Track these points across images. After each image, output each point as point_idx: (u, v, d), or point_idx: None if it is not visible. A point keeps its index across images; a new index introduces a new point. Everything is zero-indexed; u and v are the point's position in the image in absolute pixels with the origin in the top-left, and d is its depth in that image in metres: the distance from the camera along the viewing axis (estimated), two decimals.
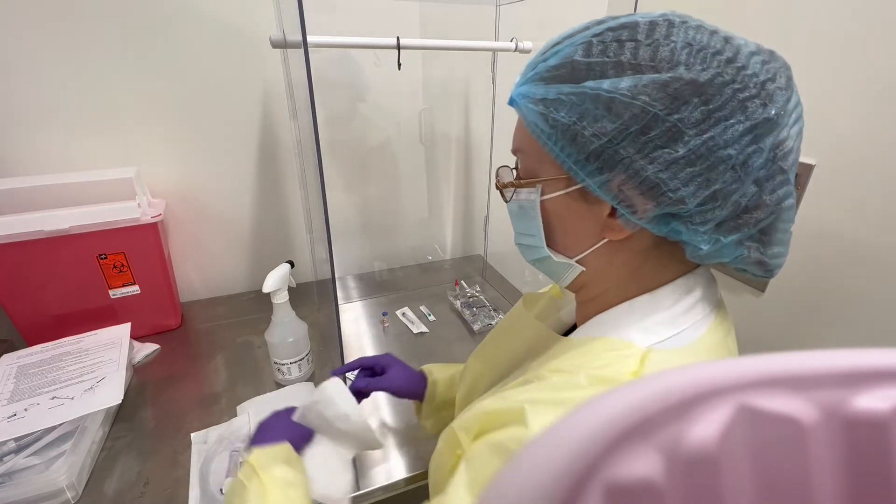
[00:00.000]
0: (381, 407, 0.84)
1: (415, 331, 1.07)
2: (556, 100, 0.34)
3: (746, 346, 0.54)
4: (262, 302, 1.17)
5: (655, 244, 0.37)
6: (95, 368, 0.78)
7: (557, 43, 0.36)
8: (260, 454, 0.50)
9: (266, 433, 0.56)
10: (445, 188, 1.38)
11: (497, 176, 0.44)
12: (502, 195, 0.43)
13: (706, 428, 0.12)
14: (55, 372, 0.77)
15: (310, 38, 0.51)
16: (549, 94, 0.34)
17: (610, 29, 0.33)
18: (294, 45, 0.63)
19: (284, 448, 0.53)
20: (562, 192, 0.38)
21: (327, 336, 0.99)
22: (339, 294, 1.24)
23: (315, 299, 1.18)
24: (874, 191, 0.60)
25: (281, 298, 0.81)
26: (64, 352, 0.82)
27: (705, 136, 0.31)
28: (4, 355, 0.81)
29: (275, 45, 0.68)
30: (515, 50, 0.90)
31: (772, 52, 0.33)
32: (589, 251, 0.39)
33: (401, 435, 0.77)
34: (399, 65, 0.80)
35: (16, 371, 0.77)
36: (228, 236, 1.17)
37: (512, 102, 0.38)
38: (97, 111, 0.94)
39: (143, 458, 0.71)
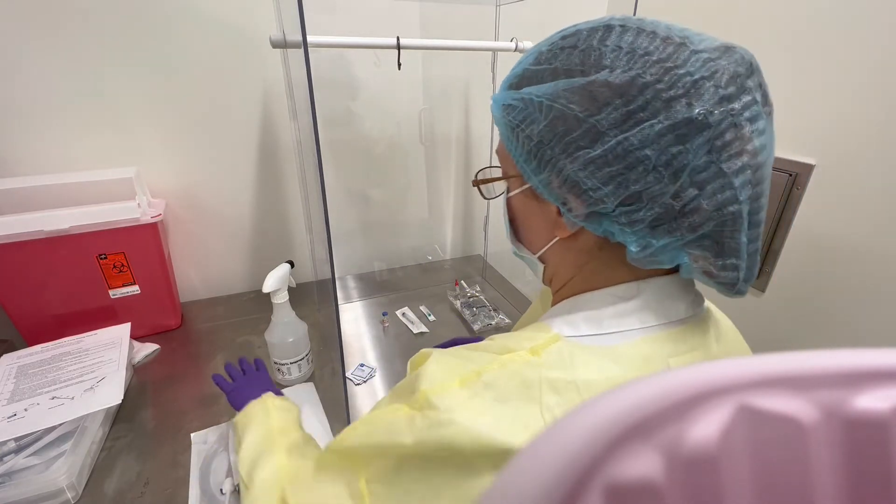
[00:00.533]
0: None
1: (415, 331, 1.07)
2: (510, 104, 0.38)
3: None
4: (263, 302, 1.17)
5: (599, 245, 0.38)
6: (95, 368, 0.78)
7: (529, 52, 0.39)
8: (255, 402, 0.62)
9: (246, 395, 0.65)
10: (445, 188, 1.38)
11: (476, 175, 0.47)
12: (480, 192, 0.47)
13: (706, 428, 0.12)
14: (55, 372, 0.77)
15: (310, 38, 0.51)
16: (506, 100, 0.38)
17: (563, 37, 0.36)
18: (294, 45, 0.63)
19: (269, 395, 0.64)
20: (519, 191, 0.41)
21: (327, 336, 0.99)
22: (339, 294, 1.24)
23: (315, 299, 1.18)
24: (874, 191, 0.60)
25: (281, 298, 0.81)
26: (64, 352, 0.82)
27: (621, 136, 0.32)
28: (4, 355, 0.81)
29: (275, 45, 0.68)
30: (515, 50, 0.90)
31: (727, 49, 0.32)
32: (546, 248, 0.42)
33: None
34: (399, 65, 0.80)
35: (16, 371, 0.77)
36: (228, 236, 1.17)
37: (491, 106, 0.42)
38: (97, 111, 0.94)
39: (143, 458, 0.71)
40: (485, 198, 0.47)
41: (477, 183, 0.46)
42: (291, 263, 0.83)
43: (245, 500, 0.49)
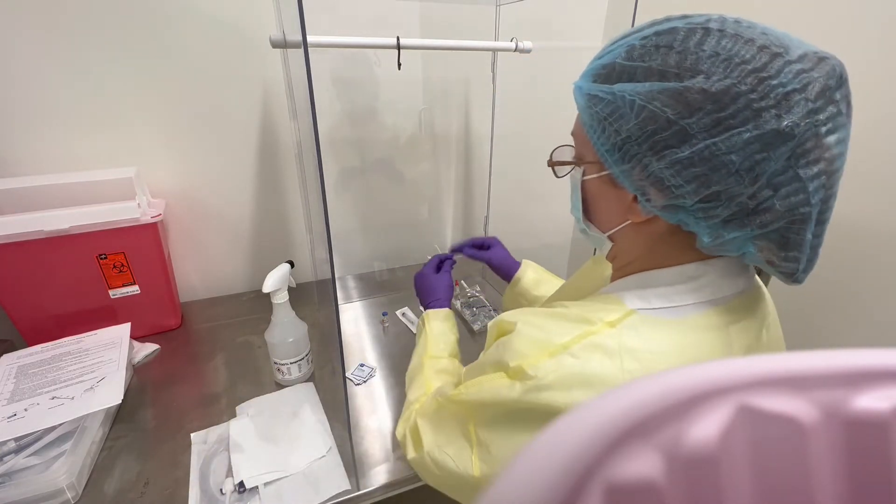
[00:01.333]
0: (380, 408, 0.84)
1: (415, 331, 1.07)
2: (597, 96, 0.39)
3: None
4: (263, 302, 1.17)
5: (671, 231, 0.41)
6: (95, 368, 0.78)
7: (615, 41, 0.40)
8: (429, 313, 0.76)
9: (431, 295, 0.79)
10: (445, 188, 1.38)
11: (551, 155, 0.50)
12: (554, 172, 0.49)
13: (706, 428, 0.12)
14: (55, 372, 0.77)
15: (310, 38, 0.51)
16: (593, 91, 0.39)
17: (656, 33, 0.36)
18: (294, 45, 0.63)
19: (443, 311, 0.76)
20: (596, 176, 0.43)
21: (327, 336, 0.99)
22: (339, 294, 1.24)
23: (315, 299, 1.18)
24: (879, 188, 0.60)
25: (281, 298, 0.81)
26: (64, 352, 0.82)
27: (709, 141, 0.33)
28: (4, 355, 0.81)
29: (275, 45, 0.68)
30: (515, 50, 0.90)
31: (822, 59, 0.33)
32: (616, 229, 0.45)
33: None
34: (399, 65, 0.80)
35: (16, 371, 0.77)
36: (228, 236, 1.16)
37: (574, 92, 0.43)
38: (97, 111, 0.94)
39: (143, 458, 0.71)
40: (557, 176, 0.49)
41: (552, 164, 0.49)
42: (291, 263, 0.83)
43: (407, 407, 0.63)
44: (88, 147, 0.96)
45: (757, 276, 0.47)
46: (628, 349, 0.37)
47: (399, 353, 0.99)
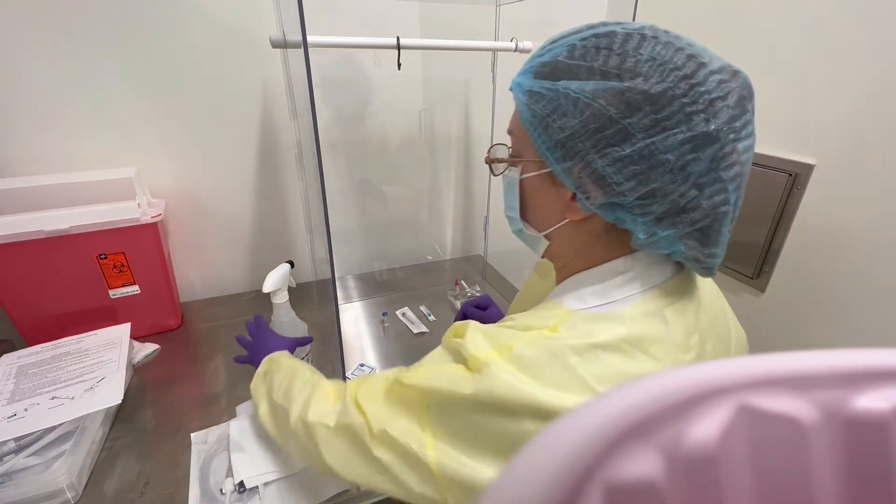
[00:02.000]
0: None
1: (415, 331, 1.07)
2: (538, 93, 0.39)
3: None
4: (263, 302, 1.17)
5: (606, 229, 0.43)
6: (95, 368, 0.78)
7: (554, 41, 0.41)
8: (268, 357, 0.68)
9: (260, 353, 0.71)
10: (445, 188, 1.38)
11: (489, 151, 0.50)
12: (490, 169, 0.50)
13: (706, 428, 0.12)
14: (55, 372, 0.77)
15: (310, 38, 0.51)
16: (535, 87, 0.40)
17: (595, 35, 0.38)
18: (294, 45, 0.63)
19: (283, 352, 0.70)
20: (535, 173, 0.44)
21: (327, 336, 0.99)
22: (339, 294, 1.24)
23: (315, 299, 1.18)
24: (874, 191, 0.60)
25: (281, 298, 0.80)
26: (64, 352, 0.82)
27: (649, 140, 0.35)
28: (4, 355, 0.81)
29: (275, 45, 0.68)
30: (515, 50, 0.90)
31: (735, 73, 0.37)
32: (554, 228, 0.45)
33: None
34: (399, 65, 0.80)
35: (16, 371, 0.77)
36: (228, 236, 1.17)
37: (510, 89, 0.44)
38: (97, 111, 0.94)
39: (143, 458, 0.71)
40: (494, 175, 0.50)
41: (490, 161, 0.49)
42: (291, 263, 0.83)
43: (293, 415, 0.52)
44: (88, 147, 0.96)
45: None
46: (571, 347, 0.38)
47: (399, 353, 0.99)
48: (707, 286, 0.49)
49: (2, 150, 0.91)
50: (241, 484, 0.65)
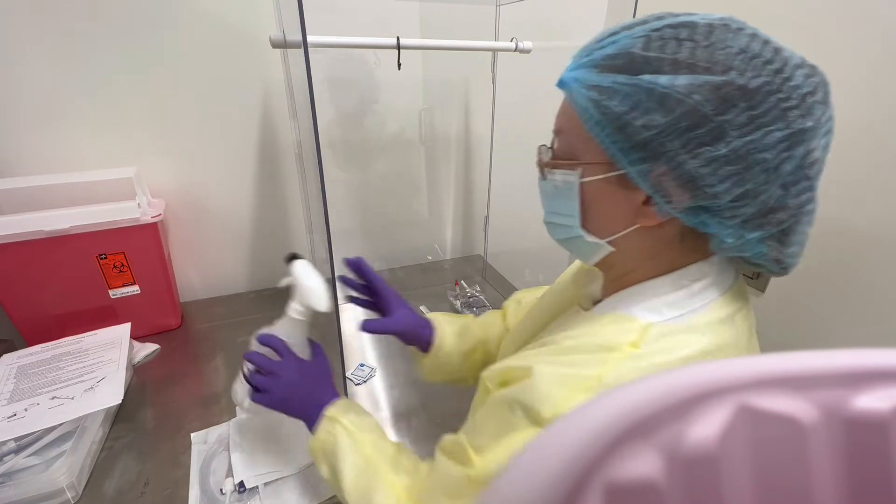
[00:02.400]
0: (380, 408, 0.84)
1: None
2: (610, 88, 0.35)
3: None
4: (263, 302, 1.18)
5: (682, 234, 0.40)
6: (95, 368, 0.78)
7: (615, 33, 0.37)
8: (330, 411, 0.56)
9: (316, 391, 0.60)
10: (445, 188, 1.38)
11: (538, 154, 0.45)
12: (541, 173, 0.45)
13: (706, 428, 0.12)
14: (55, 372, 0.77)
15: (310, 38, 0.51)
16: (604, 82, 0.36)
17: (669, 26, 0.35)
18: (294, 45, 0.63)
19: (335, 409, 0.57)
20: (601, 177, 0.39)
21: (327, 336, 0.99)
22: (339, 294, 1.24)
23: None
24: (873, 189, 0.60)
25: (305, 315, 0.66)
26: (64, 352, 0.82)
27: (746, 138, 0.33)
28: (4, 355, 0.81)
29: (275, 45, 0.68)
30: (515, 50, 0.90)
31: (814, 67, 0.35)
32: (619, 234, 0.41)
33: (401, 435, 0.77)
34: (399, 65, 0.80)
35: (16, 371, 0.77)
36: (228, 236, 1.16)
37: (562, 84, 0.39)
38: (97, 111, 0.94)
39: (143, 458, 0.71)
40: (543, 179, 0.45)
41: (545, 165, 0.44)
42: (295, 256, 0.68)
43: None
44: (88, 147, 0.96)
45: None
46: (657, 365, 0.36)
47: (399, 354, 0.99)
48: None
49: (2, 150, 0.91)
50: (241, 484, 0.65)
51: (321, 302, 0.59)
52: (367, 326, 0.67)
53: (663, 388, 0.13)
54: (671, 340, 0.37)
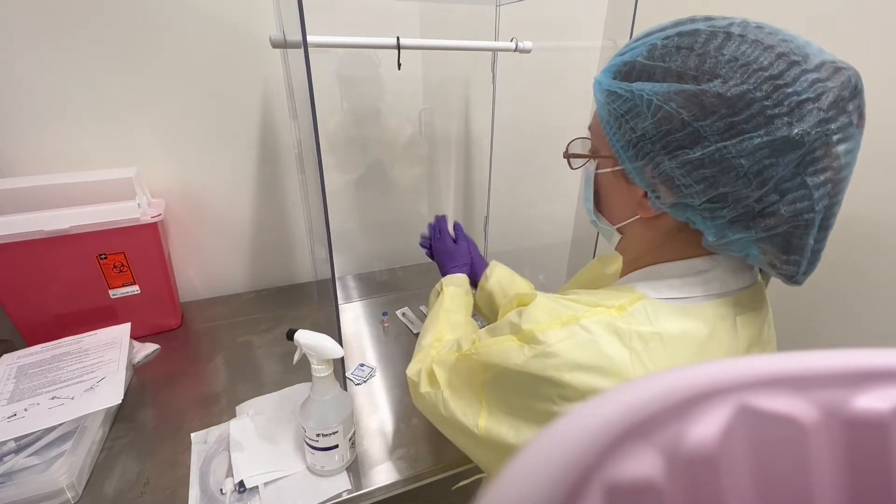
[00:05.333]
0: (380, 408, 0.84)
1: (415, 331, 1.07)
2: (615, 93, 0.39)
3: None
4: (263, 302, 1.18)
5: (678, 227, 0.42)
6: (95, 368, 0.78)
7: (639, 38, 0.41)
8: (446, 279, 0.79)
9: (450, 262, 0.83)
10: (445, 188, 1.38)
11: (567, 146, 0.50)
12: (568, 163, 0.50)
13: (706, 428, 0.12)
14: (55, 372, 0.77)
15: (310, 38, 0.51)
16: (612, 87, 0.40)
17: (678, 34, 0.37)
18: (294, 45, 0.63)
19: (458, 276, 0.79)
20: (609, 170, 0.44)
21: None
22: (339, 294, 1.24)
23: (315, 299, 1.18)
24: (873, 188, 0.60)
25: (324, 371, 0.64)
26: (64, 352, 0.82)
27: (721, 144, 0.34)
28: (4, 355, 0.81)
29: (275, 45, 0.68)
30: (515, 50, 0.90)
31: (837, 70, 0.33)
32: (625, 223, 0.46)
33: (401, 435, 0.77)
34: (399, 65, 0.80)
35: (16, 371, 0.77)
36: (228, 236, 1.16)
37: (594, 86, 0.44)
38: (97, 111, 0.94)
39: (143, 458, 0.71)
40: (572, 168, 0.50)
41: (567, 156, 0.49)
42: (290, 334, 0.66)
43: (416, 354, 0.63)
44: (88, 147, 0.96)
45: (759, 274, 0.47)
46: (638, 333, 0.38)
47: (399, 354, 0.99)
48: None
49: (2, 150, 0.91)
50: (241, 484, 0.65)
51: (335, 351, 0.64)
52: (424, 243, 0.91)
53: (663, 388, 0.13)
54: (659, 314, 0.40)
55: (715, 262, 0.43)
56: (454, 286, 0.76)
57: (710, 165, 0.35)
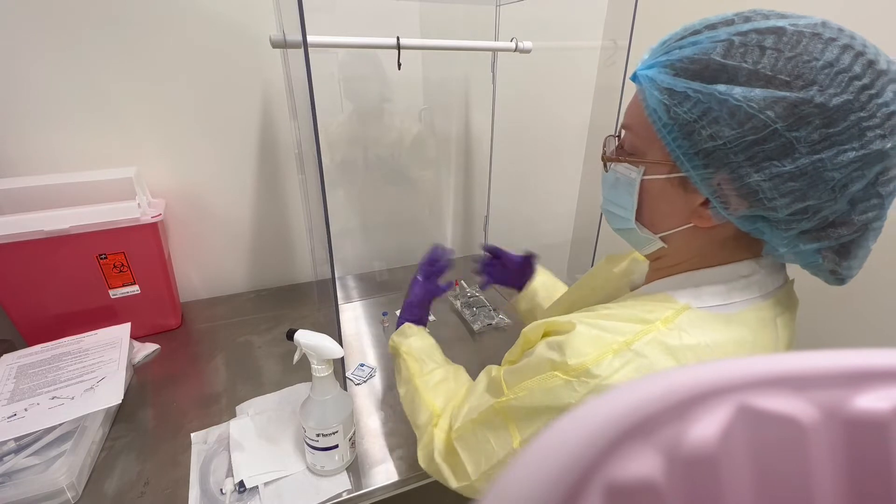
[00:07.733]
0: (380, 408, 0.84)
1: None
2: (683, 94, 0.35)
3: None
4: (263, 302, 1.18)
5: (735, 236, 0.40)
6: (95, 368, 0.78)
7: (697, 31, 0.36)
8: (394, 338, 0.71)
9: (404, 311, 0.76)
10: (445, 188, 1.38)
11: (605, 145, 0.46)
12: (604, 165, 0.46)
13: (706, 428, 0.12)
14: (55, 372, 0.77)
15: (310, 38, 0.51)
16: (677, 87, 0.35)
17: (756, 31, 0.33)
18: (294, 45, 0.63)
19: (404, 327, 0.72)
20: (663, 177, 0.40)
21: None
22: (339, 294, 1.24)
23: (315, 299, 1.18)
24: None
25: (323, 371, 0.64)
26: (64, 352, 0.82)
27: (816, 156, 0.32)
28: (4, 355, 0.81)
29: (275, 45, 0.68)
30: (515, 50, 0.90)
31: None
32: (673, 231, 0.42)
33: (401, 435, 0.77)
34: (399, 65, 0.80)
35: (16, 371, 0.77)
36: (228, 236, 1.16)
37: (636, 79, 0.39)
38: (97, 111, 0.94)
39: (143, 458, 0.71)
40: (607, 171, 0.46)
41: (608, 160, 0.45)
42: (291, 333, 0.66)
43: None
44: (88, 147, 0.96)
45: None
46: (688, 346, 0.36)
47: None
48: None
49: (2, 150, 0.91)
50: (241, 484, 0.65)
51: (335, 351, 0.63)
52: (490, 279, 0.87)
53: (663, 388, 0.13)
54: (706, 325, 0.38)
55: (758, 265, 0.41)
56: (405, 343, 0.68)
57: (800, 178, 0.33)
